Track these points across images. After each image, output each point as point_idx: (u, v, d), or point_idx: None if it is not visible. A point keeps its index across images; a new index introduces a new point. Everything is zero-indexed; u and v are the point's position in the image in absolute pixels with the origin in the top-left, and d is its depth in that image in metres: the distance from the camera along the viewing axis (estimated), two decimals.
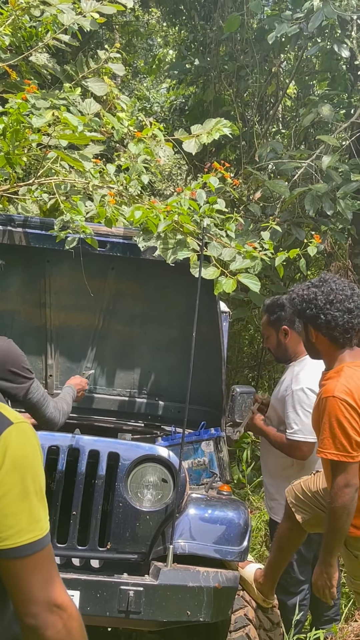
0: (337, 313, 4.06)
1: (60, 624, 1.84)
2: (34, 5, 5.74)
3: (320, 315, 4.09)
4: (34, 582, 1.83)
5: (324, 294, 4.11)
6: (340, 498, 3.86)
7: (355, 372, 4.01)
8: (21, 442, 1.86)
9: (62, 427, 4.53)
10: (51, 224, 4.89)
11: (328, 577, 4.05)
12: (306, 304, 4.16)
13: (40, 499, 1.88)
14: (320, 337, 4.18)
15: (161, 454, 4.22)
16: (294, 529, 4.47)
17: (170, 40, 15.02)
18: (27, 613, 1.83)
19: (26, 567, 1.83)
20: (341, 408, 3.87)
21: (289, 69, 11.02)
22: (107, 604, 3.89)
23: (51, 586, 1.85)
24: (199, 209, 4.95)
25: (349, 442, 3.86)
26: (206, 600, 3.99)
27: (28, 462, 1.86)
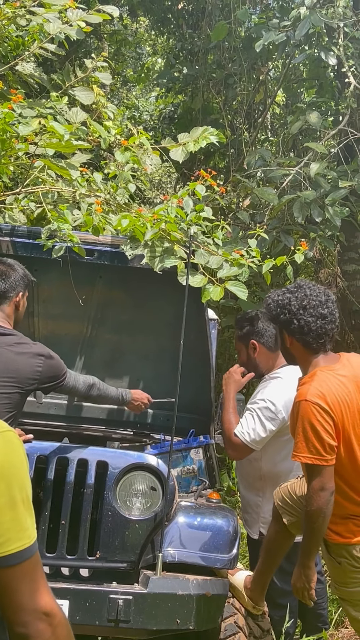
0: (310, 319, 4.08)
1: (49, 632, 1.84)
2: (20, 14, 5.75)
3: (293, 321, 4.12)
4: (22, 590, 1.83)
5: (298, 300, 4.14)
6: (316, 501, 3.87)
7: (328, 376, 4.02)
8: (7, 451, 1.86)
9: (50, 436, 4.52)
10: (38, 233, 4.88)
11: (307, 580, 4.06)
12: (280, 309, 4.18)
13: (27, 507, 1.87)
14: (294, 343, 4.20)
15: (150, 462, 4.22)
16: (281, 531, 4.48)
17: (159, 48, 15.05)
18: (16, 621, 1.83)
19: (14, 575, 1.82)
20: (314, 411, 3.88)
21: (277, 76, 11.06)
22: (96, 613, 3.88)
23: (40, 594, 1.85)
24: (186, 217, 4.96)
25: (322, 446, 3.86)
26: (196, 608, 3.99)
27: (14, 470, 1.85)
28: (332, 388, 3.96)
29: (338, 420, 3.92)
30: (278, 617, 4.87)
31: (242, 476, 5.33)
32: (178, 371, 4.32)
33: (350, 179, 7.84)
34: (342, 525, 4.04)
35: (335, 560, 4.11)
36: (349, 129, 8.35)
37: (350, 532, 4.04)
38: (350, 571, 4.08)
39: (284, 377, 4.98)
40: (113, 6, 6.12)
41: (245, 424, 4.87)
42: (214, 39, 9.62)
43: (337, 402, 3.93)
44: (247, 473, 5.18)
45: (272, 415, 4.80)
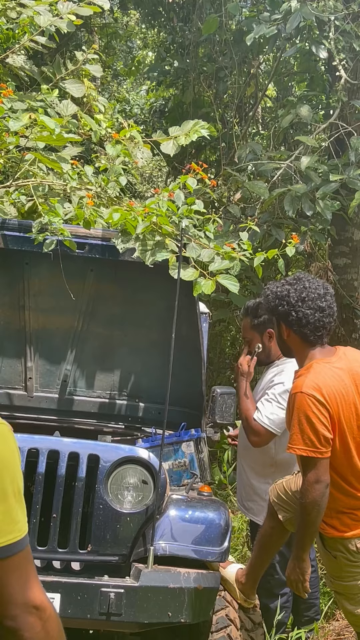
0: (309, 311, 4.11)
1: (39, 626, 1.83)
2: (10, 7, 5.73)
3: (291, 312, 4.14)
4: (12, 583, 1.82)
5: (297, 292, 4.16)
6: (311, 494, 3.88)
7: (324, 368, 4.04)
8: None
9: (42, 430, 4.51)
10: (29, 226, 4.87)
11: (301, 572, 4.08)
12: (279, 300, 4.20)
13: (18, 500, 1.87)
14: (291, 335, 4.22)
15: (141, 456, 4.22)
16: (276, 527, 4.49)
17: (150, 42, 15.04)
18: (5, 615, 1.82)
19: (4, 568, 1.81)
20: (309, 403, 3.90)
21: (268, 70, 11.06)
22: (88, 606, 3.88)
23: (30, 587, 1.85)
24: (177, 210, 4.95)
25: (317, 438, 3.88)
26: (187, 601, 3.99)
27: (5, 463, 1.84)
28: (328, 380, 3.98)
29: (334, 413, 3.93)
30: (274, 607, 4.89)
31: (250, 464, 5.30)
32: (169, 364, 4.32)
33: (341, 173, 7.84)
34: (337, 519, 4.05)
35: (331, 554, 4.13)
36: (339, 122, 8.35)
37: (346, 526, 4.05)
38: (346, 565, 4.09)
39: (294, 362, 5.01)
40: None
41: (263, 409, 4.90)
42: (204, 32, 9.60)
43: (333, 395, 3.94)
44: (256, 460, 5.18)
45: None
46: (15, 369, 5.67)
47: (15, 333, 5.58)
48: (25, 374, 5.68)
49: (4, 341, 5.61)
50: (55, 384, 5.74)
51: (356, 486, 4.03)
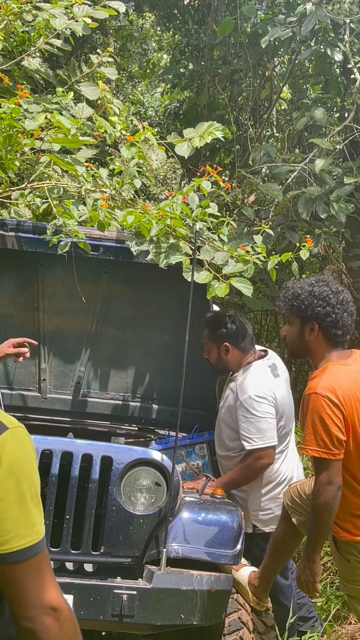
0: (345, 314, 4.15)
1: (57, 627, 1.85)
2: (26, 10, 5.75)
3: (330, 314, 4.14)
4: (30, 585, 1.84)
5: (334, 294, 4.18)
6: (323, 495, 3.89)
7: (339, 369, 4.04)
8: (17, 447, 1.87)
9: (55, 431, 4.53)
10: (44, 228, 4.89)
11: (311, 573, 4.08)
12: (319, 300, 4.19)
13: (36, 503, 1.88)
14: (318, 335, 4.20)
15: (154, 458, 4.23)
16: (290, 531, 4.48)
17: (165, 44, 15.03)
18: (23, 616, 1.84)
19: (23, 571, 1.83)
20: (323, 405, 3.90)
21: (283, 72, 11.03)
22: (100, 607, 3.89)
23: (47, 589, 1.86)
24: (191, 213, 4.96)
25: (330, 439, 3.88)
26: (200, 603, 3.99)
27: (24, 467, 1.86)
28: (343, 382, 3.98)
29: (348, 415, 3.92)
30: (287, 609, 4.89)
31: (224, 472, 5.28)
32: (183, 367, 4.32)
33: (356, 175, 7.81)
34: (350, 522, 4.05)
35: (344, 557, 4.12)
36: (354, 125, 8.33)
37: (359, 529, 4.05)
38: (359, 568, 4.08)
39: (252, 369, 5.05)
40: (119, 1, 6.10)
41: (247, 435, 4.87)
42: (219, 34, 9.60)
43: (348, 397, 3.93)
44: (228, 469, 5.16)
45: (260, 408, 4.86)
46: (29, 370, 5.69)
47: (30, 334, 5.57)
48: (39, 376, 5.70)
49: None
50: (69, 385, 5.75)
51: None
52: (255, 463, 4.91)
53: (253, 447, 4.86)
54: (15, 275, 5.40)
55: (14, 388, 5.70)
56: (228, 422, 5.10)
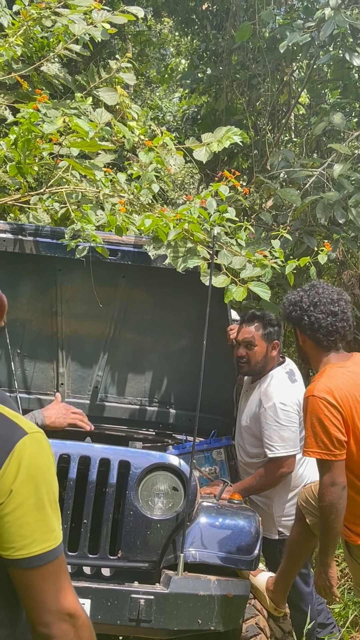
0: (321, 315, 4.15)
1: (73, 633, 1.85)
2: (45, 15, 5.78)
3: (304, 317, 4.20)
4: (47, 591, 1.84)
5: (310, 297, 4.22)
6: (327, 496, 3.90)
7: (337, 372, 4.06)
8: (35, 453, 1.87)
9: (73, 435, 4.52)
10: (62, 233, 4.91)
11: (327, 577, 4.08)
12: (292, 306, 4.28)
13: (54, 509, 1.89)
14: (306, 340, 4.27)
15: (172, 463, 4.22)
16: (304, 532, 4.47)
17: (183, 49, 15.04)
18: (40, 622, 1.84)
19: (40, 576, 1.84)
20: (321, 406, 3.92)
21: (301, 77, 11.01)
22: (118, 612, 3.88)
23: (64, 595, 1.86)
24: (209, 217, 4.96)
25: (330, 440, 3.90)
26: (217, 609, 3.98)
27: (42, 472, 1.87)
28: (341, 383, 3.99)
29: (347, 415, 3.94)
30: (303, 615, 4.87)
31: None
32: (201, 371, 4.32)
33: None
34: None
35: (357, 562, 4.10)
36: None
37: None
38: None
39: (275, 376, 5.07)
40: (138, 7, 6.12)
41: (270, 442, 4.87)
42: (238, 39, 9.60)
43: (346, 397, 3.95)
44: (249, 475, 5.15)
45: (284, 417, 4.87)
46: (47, 374, 5.71)
47: (48, 339, 5.62)
48: (57, 380, 5.71)
49: (37, 347, 5.64)
50: (87, 389, 5.76)
51: None
52: (276, 471, 4.90)
53: (275, 455, 4.85)
54: (33, 280, 5.41)
55: (32, 392, 5.72)
56: (250, 430, 5.09)
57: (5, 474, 1.80)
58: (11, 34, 5.82)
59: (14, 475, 1.81)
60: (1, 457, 1.82)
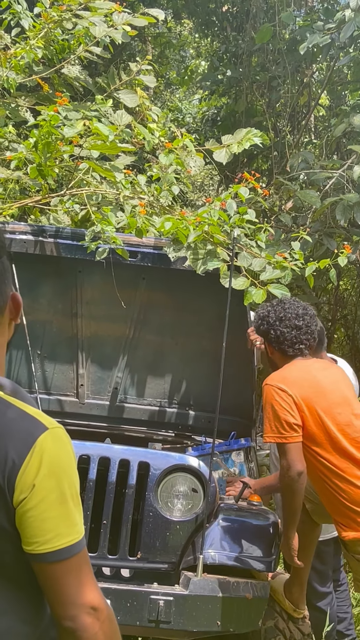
0: (286, 329, 4.32)
1: (97, 627, 1.85)
2: (66, 18, 5.80)
3: (270, 331, 4.36)
4: (71, 585, 1.85)
5: (276, 312, 4.38)
6: (284, 479, 3.99)
7: (296, 365, 4.26)
8: (57, 448, 1.88)
9: (93, 436, 4.54)
10: (82, 235, 4.93)
11: (289, 547, 4.13)
12: (260, 320, 4.44)
13: (76, 503, 1.89)
14: (274, 352, 4.43)
15: (191, 464, 4.23)
16: (307, 521, 4.47)
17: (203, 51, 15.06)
18: (64, 616, 1.85)
19: (63, 570, 1.84)
20: (272, 393, 4.08)
21: (321, 79, 11.01)
22: (137, 613, 3.89)
23: (88, 589, 1.87)
24: (228, 219, 4.96)
25: (280, 424, 4.01)
26: (236, 610, 3.99)
27: (64, 466, 1.88)
28: (295, 372, 4.19)
29: (301, 400, 4.06)
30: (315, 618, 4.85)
31: None
32: (220, 373, 4.32)
33: None
34: (350, 518, 4.03)
35: (355, 557, 4.11)
36: None
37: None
38: None
39: None
40: (158, 9, 6.14)
41: None
42: (258, 41, 9.60)
43: (298, 384, 4.10)
44: None
45: None
46: (67, 375, 5.73)
47: (68, 340, 5.63)
48: (77, 381, 5.73)
49: (57, 348, 5.66)
50: (107, 391, 5.77)
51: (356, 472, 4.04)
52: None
53: None
54: (54, 281, 5.44)
55: (52, 393, 5.74)
56: None
57: (27, 469, 1.82)
58: (32, 36, 5.84)
59: (36, 470, 1.82)
60: (23, 452, 1.83)
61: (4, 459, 1.83)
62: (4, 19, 5.86)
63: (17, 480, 1.81)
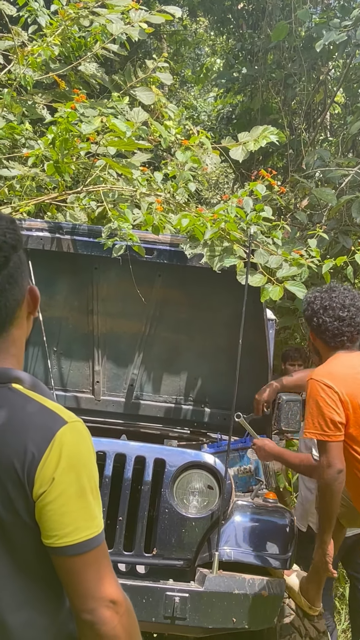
0: (328, 319, 4.21)
1: (116, 620, 1.86)
2: (83, 15, 5.80)
3: (313, 318, 4.28)
4: (90, 578, 1.85)
5: (322, 300, 4.27)
6: (323, 477, 3.93)
7: (340, 359, 4.17)
8: (76, 441, 1.89)
9: (108, 433, 4.54)
10: (99, 232, 4.93)
11: (323, 554, 4.08)
12: (307, 304, 4.35)
13: (95, 497, 1.90)
14: (316, 339, 4.36)
15: (207, 461, 4.23)
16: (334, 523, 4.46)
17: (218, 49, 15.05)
18: (83, 609, 1.85)
19: (83, 563, 1.85)
20: (317, 388, 3.99)
21: (337, 76, 10.98)
22: (152, 609, 3.90)
23: (106, 582, 1.87)
24: (245, 216, 4.95)
25: (324, 421, 3.94)
26: (252, 607, 3.99)
27: (83, 460, 1.88)
28: (340, 368, 4.08)
29: (347, 397, 3.98)
30: None
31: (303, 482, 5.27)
32: (236, 370, 4.32)
33: None
34: None
35: None
36: None
37: None
38: None
39: None
40: (175, 7, 6.13)
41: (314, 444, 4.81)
42: (274, 39, 9.59)
43: (344, 380, 4.01)
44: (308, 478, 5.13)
45: None
46: (83, 372, 5.74)
47: (84, 337, 5.64)
48: (93, 378, 5.74)
49: (73, 345, 5.67)
50: (122, 387, 5.78)
51: None
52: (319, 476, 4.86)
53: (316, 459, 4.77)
54: (70, 278, 5.45)
55: (68, 390, 5.75)
56: None
57: (46, 462, 1.83)
58: (49, 33, 5.85)
59: (56, 463, 1.83)
60: (42, 445, 1.84)
61: (24, 453, 1.84)
62: (21, 16, 5.87)
63: (37, 474, 1.82)
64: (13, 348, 2.01)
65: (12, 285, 1.97)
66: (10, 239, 1.97)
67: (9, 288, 1.96)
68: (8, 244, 1.96)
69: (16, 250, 1.99)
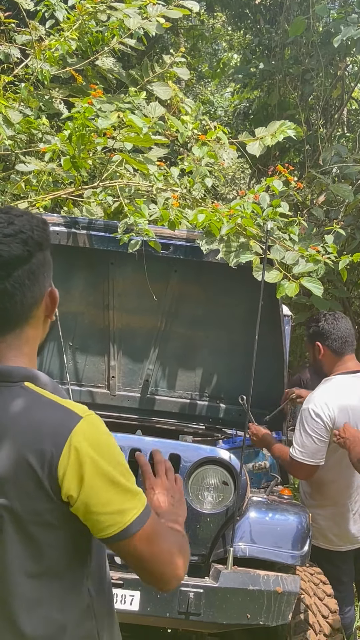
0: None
1: (183, 572, 2.00)
2: (100, 10, 5.81)
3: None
4: (153, 552, 1.93)
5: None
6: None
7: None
8: (94, 433, 1.92)
9: (123, 428, 4.53)
10: (115, 227, 4.93)
11: None
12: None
13: (128, 477, 1.94)
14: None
15: (222, 457, 4.23)
16: None
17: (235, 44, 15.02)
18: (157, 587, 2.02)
19: (142, 541, 1.91)
20: None
21: (355, 72, 10.94)
22: (167, 605, 3.91)
23: (173, 556, 1.98)
24: (262, 212, 4.94)
25: None
26: (266, 603, 3.98)
27: (104, 450, 1.91)
28: None
29: None
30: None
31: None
32: (252, 367, 4.31)
33: None
34: None
35: None
36: None
37: None
38: None
39: (331, 381, 4.84)
40: (193, 1, 6.12)
41: (294, 442, 4.73)
42: (291, 34, 9.56)
43: None
44: (319, 478, 5.09)
45: (314, 423, 4.63)
46: (98, 367, 5.74)
47: (100, 332, 5.65)
48: (109, 373, 5.74)
49: (89, 340, 5.68)
50: (138, 383, 5.79)
51: None
52: (290, 468, 4.84)
53: (291, 455, 4.72)
54: (86, 273, 5.45)
55: (83, 385, 5.76)
56: None
57: (69, 461, 1.86)
58: (66, 28, 5.85)
59: (78, 461, 1.86)
60: (60, 443, 1.87)
61: (41, 452, 1.86)
62: (38, 10, 5.88)
63: (60, 473, 1.86)
64: (26, 347, 2.03)
65: (32, 282, 1.98)
66: (38, 236, 1.99)
67: (28, 284, 1.97)
68: (34, 240, 1.98)
69: (42, 249, 2.01)
